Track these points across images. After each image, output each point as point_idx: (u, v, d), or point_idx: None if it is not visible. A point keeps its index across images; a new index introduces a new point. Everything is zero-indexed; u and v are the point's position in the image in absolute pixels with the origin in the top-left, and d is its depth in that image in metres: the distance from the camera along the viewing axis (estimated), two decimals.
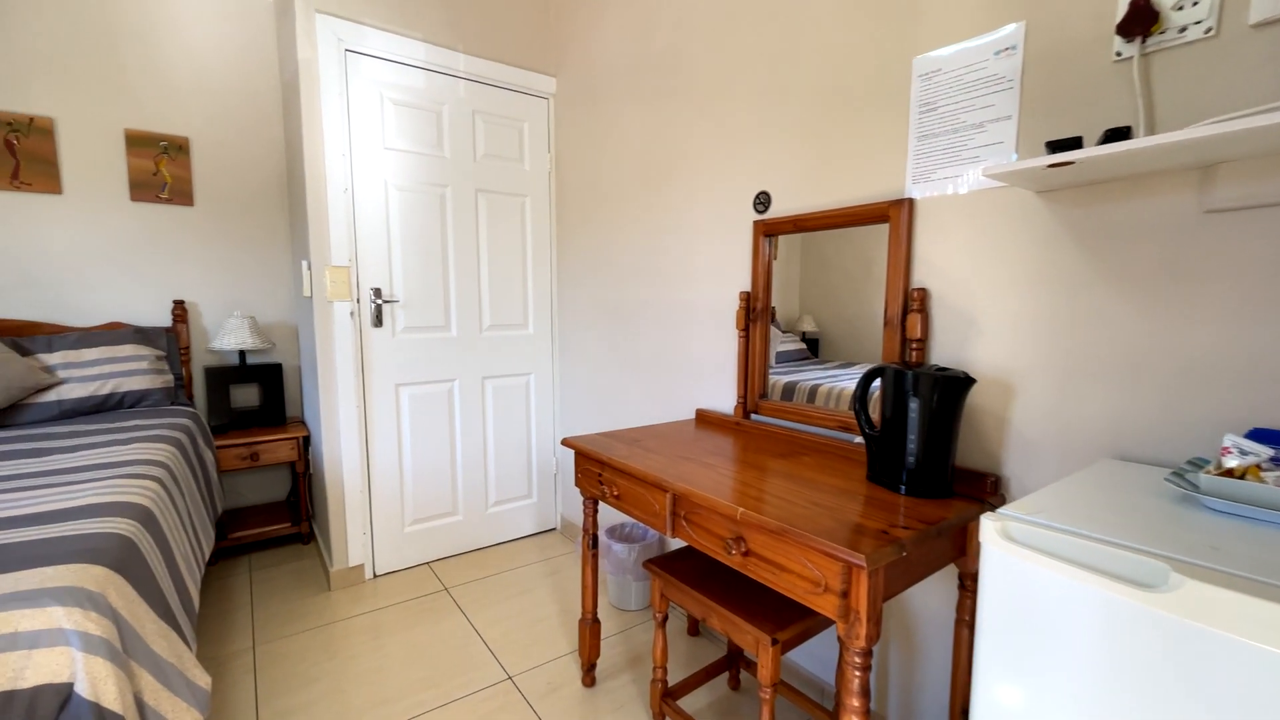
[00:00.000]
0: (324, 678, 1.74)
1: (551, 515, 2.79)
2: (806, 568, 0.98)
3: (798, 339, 1.62)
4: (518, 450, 2.65)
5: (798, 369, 1.61)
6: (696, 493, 1.16)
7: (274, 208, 2.74)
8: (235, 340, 2.49)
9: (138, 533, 1.20)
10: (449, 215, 2.38)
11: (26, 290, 2.28)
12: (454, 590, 2.25)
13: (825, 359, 1.56)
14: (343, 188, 2.13)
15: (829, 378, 1.54)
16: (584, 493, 1.61)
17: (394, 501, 2.35)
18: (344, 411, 2.21)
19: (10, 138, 2.23)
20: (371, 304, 2.22)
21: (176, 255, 2.55)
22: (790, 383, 1.63)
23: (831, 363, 1.54)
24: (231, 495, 2.73)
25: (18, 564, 1.00)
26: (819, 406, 1.54)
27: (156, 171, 2.49)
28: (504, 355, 2.57)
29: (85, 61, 2.33)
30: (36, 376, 2.05)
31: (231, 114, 2.62)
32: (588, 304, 2.47)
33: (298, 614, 2.07)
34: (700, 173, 1.87)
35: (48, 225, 2.30)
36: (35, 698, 0.90)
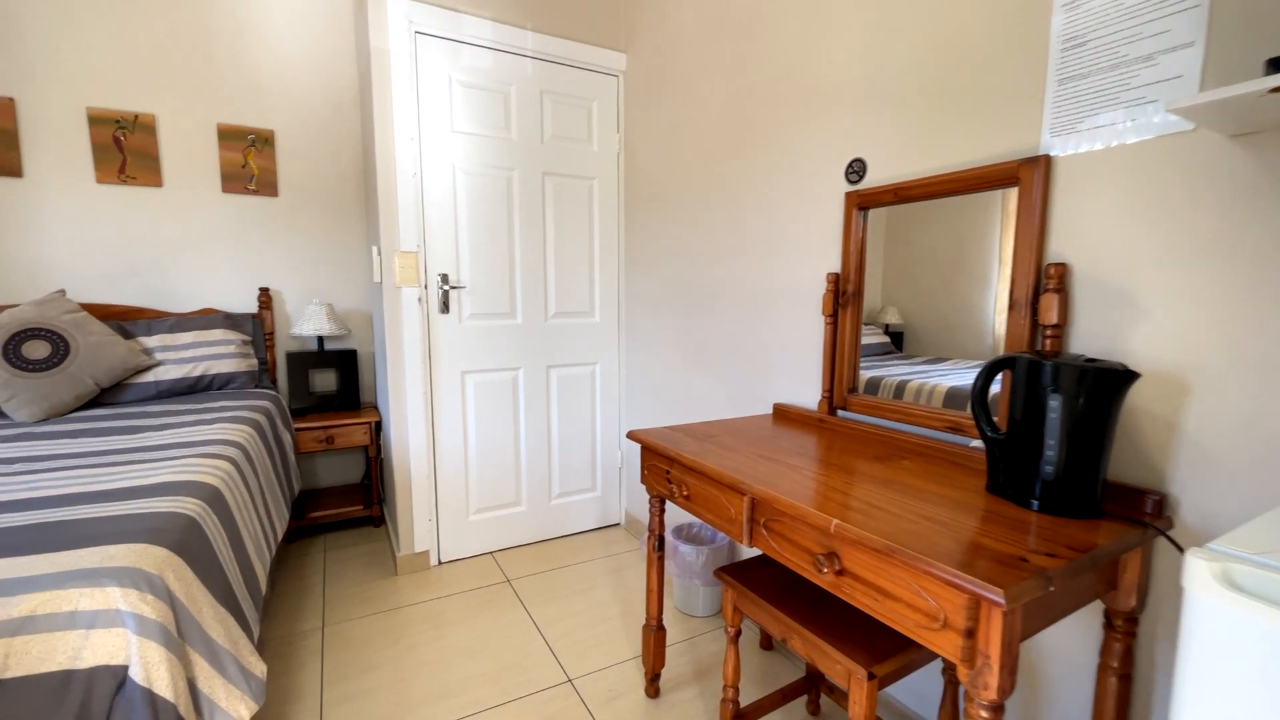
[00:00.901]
0: (386, 665, 1.72)
1: (615, 510, 2.70)
2: (919, 597, 0.81)
3: (880, 331, 1.45)
4: (582, 442, 2.58)
5: (881, 364, 1.44)
6: (780, 498, 1.01)
7: (351, 197, 2.79)
8: (313, 326, 2.56)
9: (203, 513, 1.20)
10: (515, 199, 2.32)
11: (131, 278, 2.42)
12: (516, 583, 2.20)
13: (910, 354, 1.39)
14: (411, 172, 2.11)
15: (917, 374, 1.36)
16: (650, 490, 1.49)
17: (459, 489, 2.33)
18: (411, 398, 2.20)
19: (118, 135, 2.37)
20: (439, 290, 2.20)
21: (262, 244, 2.64)
22: (874, 378, 1.45)
23: (918, 358, 1.36)
24: (309, 476, 2.82)
25: (84, 541, 0.99)
26: (923, 404, 1.33)
27: (245, 164, 2.59)
28: (569, 344, 2.49)
29: (183, 61, 2.44)
30: (137, 358, 2.17)
31: (313, 107, 2.68)
32: (656, 290, 2.35)
33: (365, 597, 2.09)
34: (784, 143, 1.69)
35: (150, 216, 2.44)
36: (92, 679, 0.89)
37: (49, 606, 0.88)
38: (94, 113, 2.32)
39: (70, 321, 2.08)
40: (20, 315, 2.01)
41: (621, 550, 2.47)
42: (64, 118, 2.29)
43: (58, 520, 1.07)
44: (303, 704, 1.56)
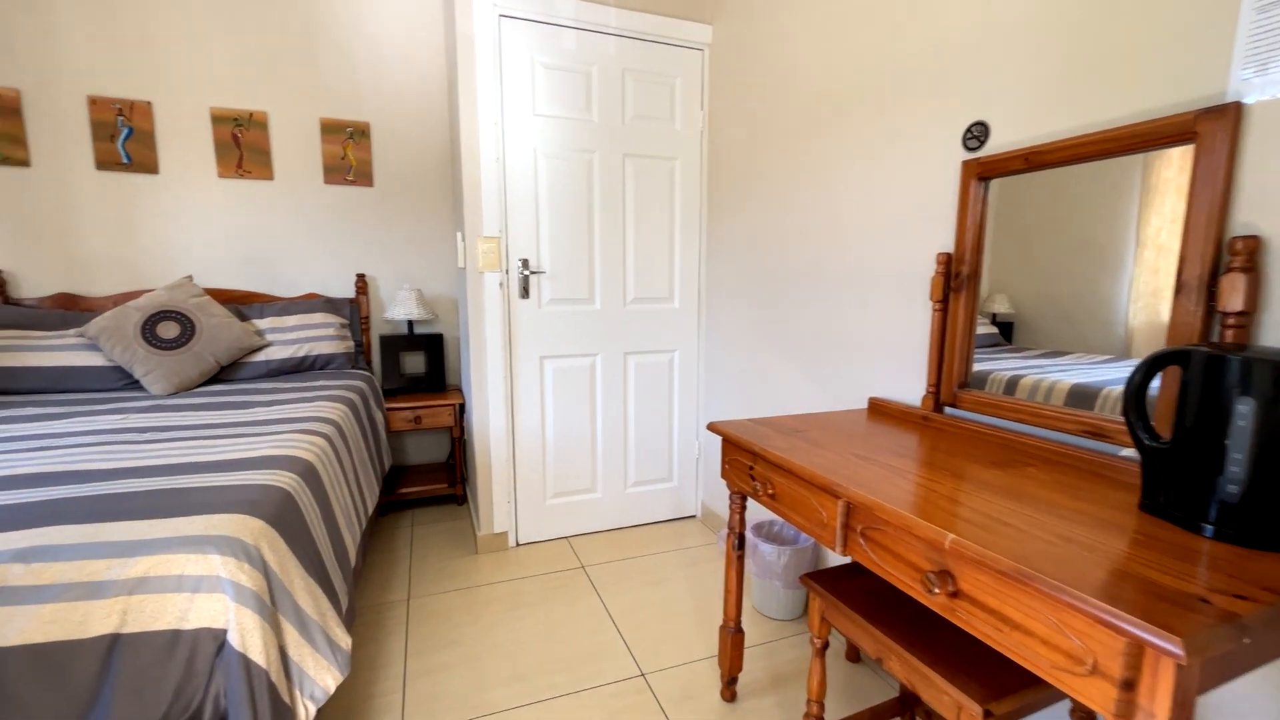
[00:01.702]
0: (465, 641, 1.76)
1: (691, 501, 2.63)
2: (1060, 634, 0.68)
3: (987, 321, 1.29)
4: (659, 431, 2.52)
5: (988, 357, 1.28)
6: (882, 505, 0.90)
7: (439, 185, 2.87)
8: (404, 311, 2.66)
9: (297, 487, 1.25)
10: (595, 182, 2.28)
11: (247, 265, 2.63)
12: (590, 569, 2.20)
13: (1021, 346, 1.23)
14: (494, 157, 2.12)
15: (1031, 369, 1.20)
16: (731, 486, 1.40)
17: (537, 473, 2.36)
18: (492, 381, 2.24)
19: (236, 132, 2.56)
20: (519, 275, 2.21)
21: (359, 232, 2.78)
22: (980, 373, 1.29)
23: (1031, 351, 1.21)
24: (399, 453, 2.97)
25: (192, 509, 1.05)
26: (1052, 404, 1.16)
27: (344, 156, 2.72)
28: (648, 330, 2.44)
29: (291, 61, 2.60)
30: (251, 339, 2.35)
31: (405, 99, 2.77)
32: (739, 275, 2.24)
33: (448, 573, 2.15)
34: (887, 110, 1.53)
35: (262, 207, 2.63)
36: (197, 640, 0.94)
37: (160, 569, 0.93)
38: (216, 112, 2.52)
39: (196, 305, 2.27)
40: (155, 299, 2.23)
41: (696, 544, 2.41)
42: (191, 118, 2.49)
43: (173, 487, 1.14)
44: (388, 672, 1.62)
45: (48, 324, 2.21)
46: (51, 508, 1.03)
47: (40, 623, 0.86)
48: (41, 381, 2.07)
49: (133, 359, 2.09)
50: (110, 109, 2.39)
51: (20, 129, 2.31)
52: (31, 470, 1.23)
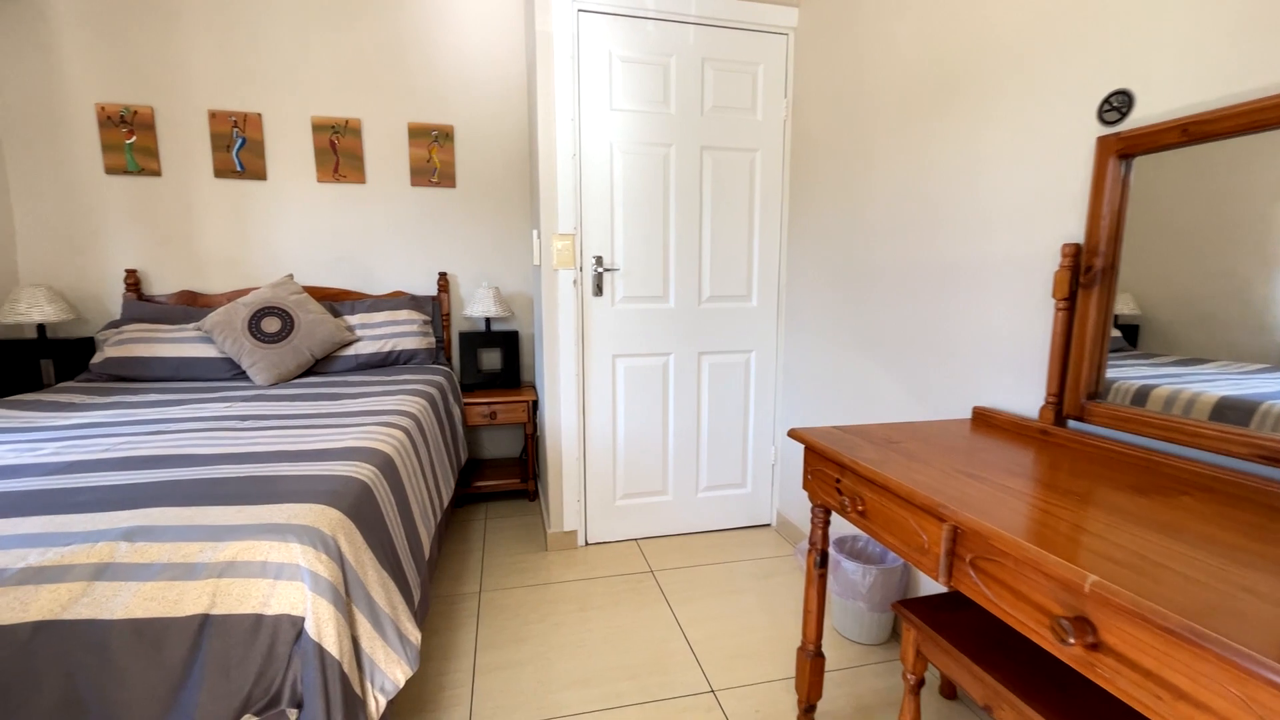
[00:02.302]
0: (533, 639, 1.76)
1: (766, 509, 2.52)
2: (1249, 715, 0.54)
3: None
4: (733, 434, 2.43)
5: (1111, 363, 1.11)
6: (1001, 534, 0.77)
7: (518, 185, 2.92)
8: (482, 309, 2.72)
9: (375, 479, 1.27)
10: (672, 177, 2.22)
11: (341, 263, 2.78)
12: (659, 574, 2.14)
13: (1150, 352, 1.07)
14: (570, 153, 2.11)
15: (1164, 378, 1.04)
16: (814, 499, 1.30)
17: (607, 473, 2.33)
18: (565, 379, 2.23)
19: (333, 139, 2.72)
20: (593, 272, 2.19)
21: (441, 232, 2.87)
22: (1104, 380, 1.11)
23: (1163, 358, 1.05)
24: (475, 447, 3.04)
25: (278, 497, 1.09)
26: (1211, 422, 0.97)
27: (429, 159, 2.82)
28: (723, 330, 2.35)
29: (382, 69, 2.72)
30: (342, 334, 2.48)
31: (486, 101, 2.83)
32: (823, 271, 2.10)
33: (518, 568, 2.17)
34: (1004, 84, 1.36)
35: (355, 209, 2.77)
36: (278, 625, 0.96)
37: (246, 554, 0.96)
38: (316, 121, 2.68)
39: (295, 301, 2.43)
40: (261, 296, 2.39)
41: (771, 554, 2.29)
42: (295, 127, 2.67)
43: (262, 475, 1.19)
44: (458, 664, 1.64)
45: (172, 318, 2.43)
46: (157, 490, 1.10)
47: (141, 599, 0.91)
48: (166, 370, 2.27)
49: (240, 351, 2.26)
50: (227, 121, 2.60)
51: (153, 143, 2.56)
52: (147, 453, 1.33)
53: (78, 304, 2.55)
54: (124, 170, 2.54)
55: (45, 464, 1.25)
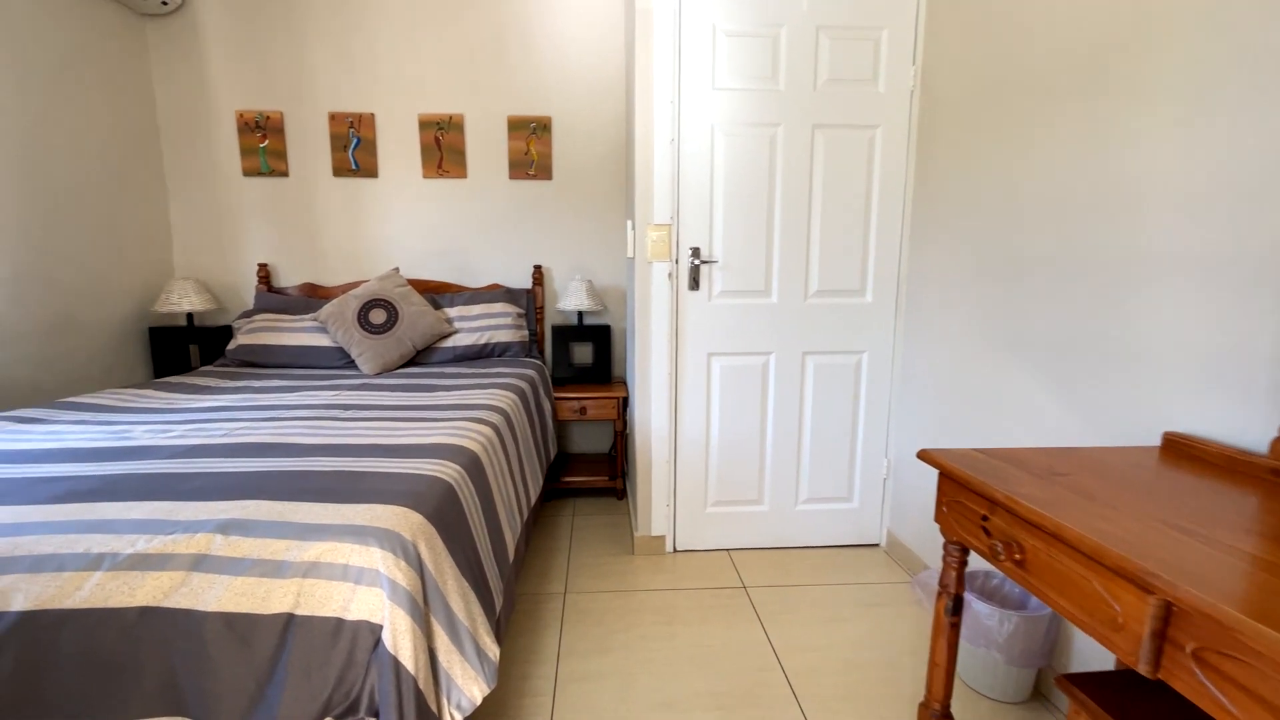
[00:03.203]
0: (617, 650, 1.67)
1: (874, 528, 2.27)
2: None
3: None
4: (839, 443, 2.20)
5: None
6: (1251, 625, 0.55)
7: (614, 175, 2.84)
8: (575, 302, 2.68)
9: (460, 480, 1.23)
10: (779, 159, 2.02)
11: (441, 257, 2.85)
12: (752, 591, 1.98)
13: None
14: (669, 138, 1.98)
15: None
16: (948, 534, 1.09)
17: (698, 478, 2.20)
18: (656, 377, 2.12)
19: (438, 135, 2.78)
20: (689, 264, 2.05)
21: (537, 225, 2.86)
22: None
23: None
24: (565, 441, 3.03)
25: (363, 496, 1.07)
26: None
27: (527, 151, 2.81)
28: (832, 328, 2.12)
29: (484, 64, 2.74)
30: (442, 326, 2.53)
31: (584, 91, 2.78)
32: (956, 261, 1.82)
33: (604, 571, 2.10)
34: (1221, 29, 1.05)
35: (456, 204, 2.83)
36: (357, 631, 0.93)
37: (329, 556, 0.94)
38: (423, 118, 2.75)
39: (400, 294, 2.51)
40: (369, 288, 2.50)
41: (879, 579, 2.05)
42: (403, 125, 2.76)
43: (352, 470, 1.19)
44: (541, 669, 1.59)
45: (295, 309, 2.60)
46: (255, 481, 1.12)
47: (233, 594, 0.91)
48: (287, 357, 2.44)
49: (350, 341, 2.36)
50: (344, 122, 2.73)
51: (283, 145, 2.74)
52: (256, 439, 1.38)
53: (219, 295, 2.81)
54: (258, 172, 2.75)
55: (171, 446, 1.33)
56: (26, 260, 2.10)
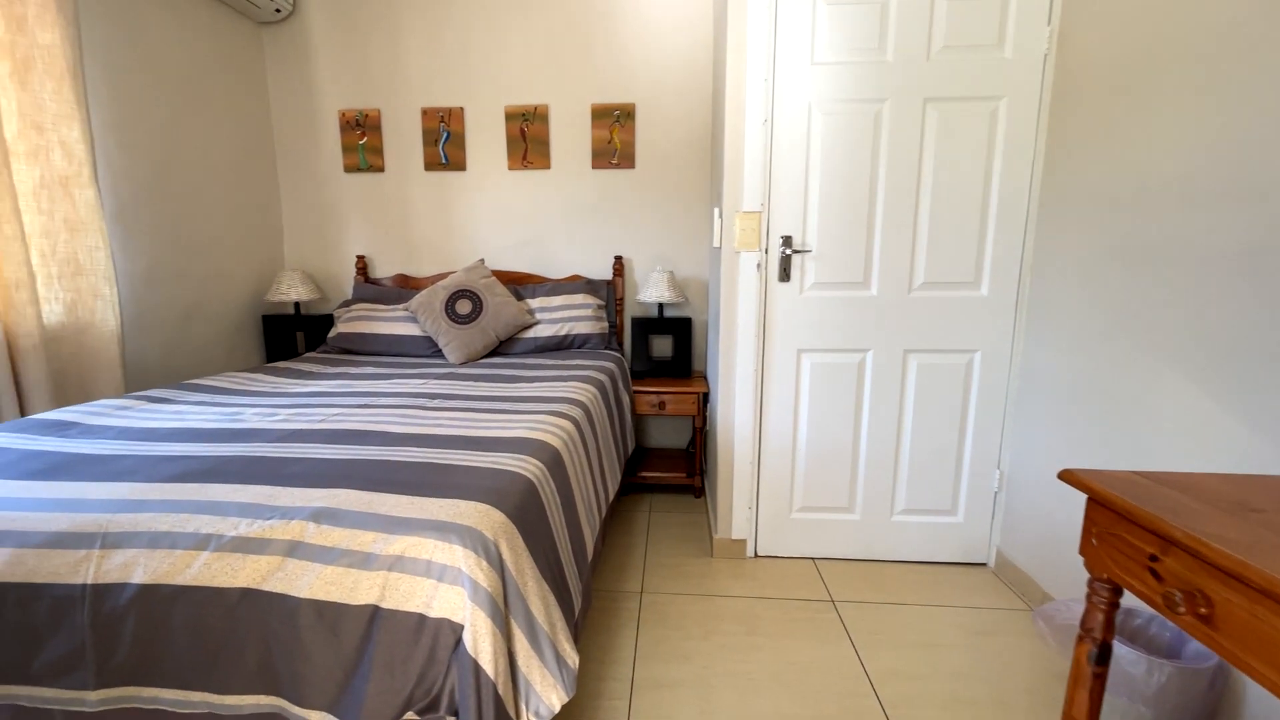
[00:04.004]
0: (695, 658, 1.60)
1: (982, 546, 2.05)
2: None
3: None
4: (943, 451, 2.00)
5: None
6: None
7: (698, 162, 2.74)
8: (655, 294, 2.61)
9: (541, 477, 1.20)
10: (883, 138, 1.85)
11: (525, 248, 2.87)
12: (841, 606, 1.84)
13: None
14: (761, 119, 1.86)
15: None
16: (1096, 569, 0.92)
17: (783, 481, 2.07)
18: (740, 373, 2.01)
19: (523, 126, 2.79)
20: (779, 254, 1.93)
21: (618, 215, 2.82)
22: None
23: None
24: (642, 435, 2.98)
25: (447, 490, 1.05)
26: None
27: (610, 140, 2.76)
28: (939, 324, 1.92)
29: (569, 53, 2.71)
30: (524, 317, 2.55)
31: (670, 74, 2.69)
32: (1097, 249, 1.58)
33: (682, 573, 2.03)
34: None
35: (540, 195, 2.83)
36: (439, 629, 0.91)
37: (413, 551, 0.93)
38: (509, 110, 2.77)
39: (484, 285, 2.54)
40: (456, 279, 2.55)
41: (988, 604, 1.85)
42: (490, 118, 2.79)
43: (437, 462, 1.18)
44: (617, 670, 1.54)
45: (389, 299, 2.71)
46: (348, 469, 1.14)
47: (323, 582, 0.92)
48: (381, 346, 2.54)
49: (438, 331, 2.43)
50: (435, 117, 2.80)
51: (379, 141, 2.86)
52: (351, 426, 1.42)
53: (323, 284, 2.99)
54: (358, 168, 2.88)
55: (274, 430, 1.40)
56: (161, 255, 2.31)
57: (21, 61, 1.69)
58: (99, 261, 1.88)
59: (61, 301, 1.81)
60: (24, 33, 1.69)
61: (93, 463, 1.20)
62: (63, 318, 1.82)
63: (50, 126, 1.76)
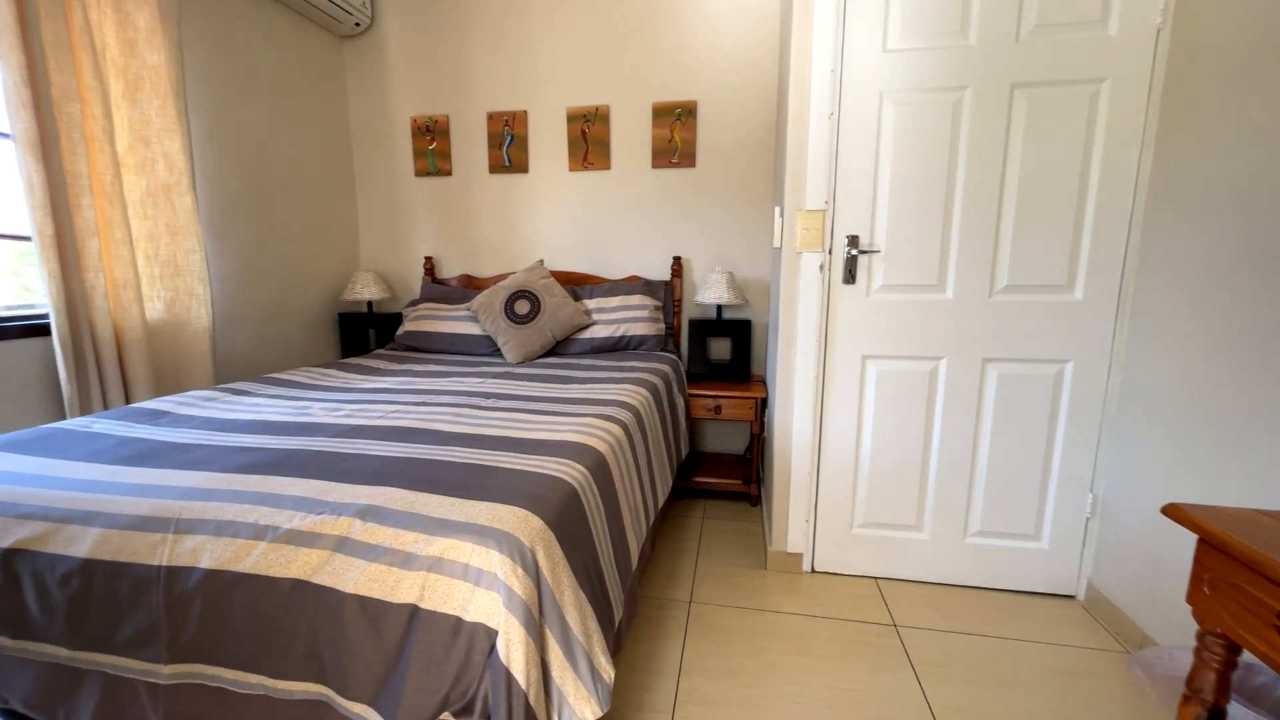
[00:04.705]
0: (742, 675, 1.54)
1: (1069, 576, 1.85)
2: None
3: None
4: (1026, 470, 1.83)
5: None
6: None
7: (761, 159, 2.65)
8: (714, 295, 2.55)
9: (584, 483, 1.18)
10: (964, 128, 1.70)
11: (583, 249, 2.88)
12: (905, 632, 1.72)
13: None
14: (827, 112, 1.76)
15: None
16: (1209, 622, 0.80)
17: (844, 494, 1.96)
18: (800, 379, 1.92)
19: (584, 127, 2.80)
20: (844, 254, 1.82)
21: (678, 214, 2.77)
22: None
23: None
24: (698, 439, 2.92)
25: (488, 493, 1.05)
26: None
27: (670, 138, 2.72)
28: (1024, 330, 1.76)
29: (631, 52, 2.70)
30: (581, 318, 2.56)
31: (733, 70, 2.62)
32: (1220, 249, 1.38)
33: (733, 584, 1.97)
34: None
35: (599, 196, 2.83)
36: (474, 633, 0.91)
37: (452, 553, 0.93)
38: (571, 111, 2.79)
39: (543, 285, 2.57)
40: (515, 280, 2.59)
41: (1076, 641, 1.66)
42: (552, 120, 2.82)
43: (481, 464, 1.19)
44: (660, 681, 1.51)
45: (453, 299, 2.80)
46: (395, 467, 1.16)
47: (367, 578, 0.94)
48: (444, 344, 2.62)
49: (497, 330, 2.48)
50: (500, 121, 2.87)
51: (448, 146, 2.96)
52: (406, 424, 1.46)
53: (393, 284, 3.13)
54: (427, 172, 2.99)
55: (336, 425, 1.46)
56: (248, 256, 2.48)
57: (132, 82, 1.86)
58: (195, 263, 2.04)
59: (162, 300, 1.98)
60: (135, 55, 1.86)
61: (176, 451, 1.29)
62: (163, 314, 1.98)
63: (155, 140, 1.92)
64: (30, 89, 1.58)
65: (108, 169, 1.77)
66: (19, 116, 1.57)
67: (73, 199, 1.69)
